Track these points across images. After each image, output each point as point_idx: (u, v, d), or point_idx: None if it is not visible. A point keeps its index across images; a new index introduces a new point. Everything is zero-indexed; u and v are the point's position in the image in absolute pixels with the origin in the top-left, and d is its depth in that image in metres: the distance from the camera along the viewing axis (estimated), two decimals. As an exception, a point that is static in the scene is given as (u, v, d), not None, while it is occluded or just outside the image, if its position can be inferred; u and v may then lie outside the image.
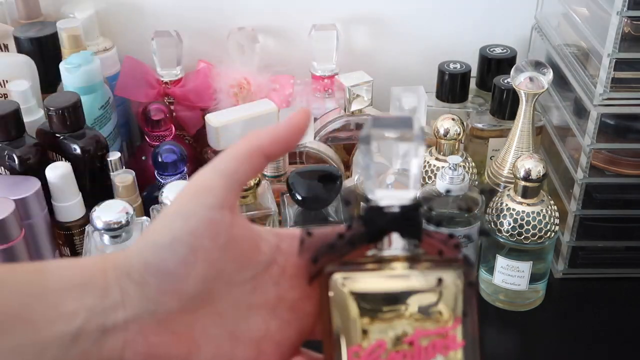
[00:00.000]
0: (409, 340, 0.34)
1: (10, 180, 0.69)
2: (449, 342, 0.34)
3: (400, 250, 0.36)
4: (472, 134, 0.87)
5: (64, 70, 0.81)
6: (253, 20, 0.93)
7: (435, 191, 0.72)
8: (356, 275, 0.35)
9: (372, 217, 0.36)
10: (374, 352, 0.34)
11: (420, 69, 0.95)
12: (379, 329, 0.34)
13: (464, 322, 0.35)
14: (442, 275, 0.35)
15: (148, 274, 0.34)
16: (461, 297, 0.35)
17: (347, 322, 0.35)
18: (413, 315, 0.34)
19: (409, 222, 0.36)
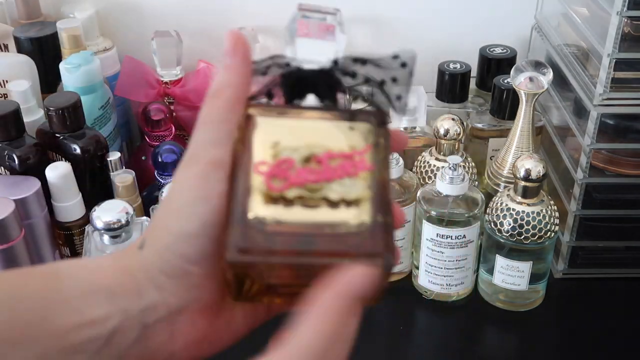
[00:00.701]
0: (318, 159, 0.34)
1: (10, 180, 0.69)
2: (358, 163, 0.34)
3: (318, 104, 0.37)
4: (472, 134, 0.87)
5: (64, 70, 0.81)
6: (253, 20, 0.93)
7: (435, 191, 0.72)
8: (275, 111, 0.36)
9: (292, 74, 0.37)
10: (282, 165, 0.33)
11: (420, 69, 0.95)
12: (290, 148, 0.34)
13: (375, 151, 0.35)
14: (355, 118, 0.36)
15: (188, 264, 0.34)
16: (374, 131, 0.36)
17: (259, 144, 0.34)
18: (325, 143, 0.35)
19: (324, 80, 0.37)
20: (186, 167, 0.35)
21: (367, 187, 0.34)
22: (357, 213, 0.33)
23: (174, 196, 0.35)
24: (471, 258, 0.72)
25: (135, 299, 0.34)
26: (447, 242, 0.71)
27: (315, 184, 0.33)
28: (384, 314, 0.77)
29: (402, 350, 0.72)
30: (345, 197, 0.33)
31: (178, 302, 0.34)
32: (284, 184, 0.33)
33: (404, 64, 0.38)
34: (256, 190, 0.33)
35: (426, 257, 0.73)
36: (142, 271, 0.34)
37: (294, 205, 0.33)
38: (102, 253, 0.66)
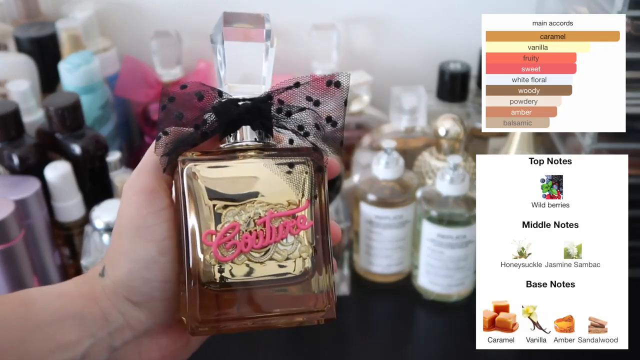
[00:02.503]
0: (262, 222, 0.36)
1: (10, 180, 0.69)
2: (299, 222, 0.36)
3: (252, 141, 0.38)
4: (472, 134, 0.87)
5: (64, 70, 0.81)
6: (253, 20, 0.93)
7: (436, 191, 0.72)
8: (208, 163, 0.36)
9: (225, 109, 0.37)
10: (228, 234, 0.36)
11: (420, 69, 0.95)
12: (233, 212, 0.36)
13: (312, 204, 0.37)
14: (292, 162, 0.37)
15: (149, 289, 0.36)
16: (310, 182, 0.37)
17: (200, 208, 0.36)
18: (265, 200, 0.36)
19: (260, 114, 0.37)
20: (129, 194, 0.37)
21: (308, 244, 0.37)
22: (300, 268, 0.37)
23: (126, 223, 0.37)
24: (471, 258, 0.72)
25: (102, 323, 0.36)
26: (447, 242, 0.71)
27: (261, 248, 0.36)
28: (384, 314, 0.77)
29: (402, 350, 0.72)
30: (290, 256, 0.36)
31: (143, 325, 0.37)
32: (232, 253, 0.36)
33: (337, 83, 0.38)
34: (206, 260, 0.35)
35: (426, 257, 0.73)
36: (106, 297, 0.37)
37: (242, 269, 0.36)
38: (102, 253, 0.66)
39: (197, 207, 0.36)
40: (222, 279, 0.35)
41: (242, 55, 0.38)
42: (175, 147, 0.36)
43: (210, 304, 0.36)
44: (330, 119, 0.38)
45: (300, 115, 0.38)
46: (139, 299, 0.37)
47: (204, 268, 0.35)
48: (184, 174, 0.36)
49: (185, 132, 0.37)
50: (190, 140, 0.37)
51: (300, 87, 0.38)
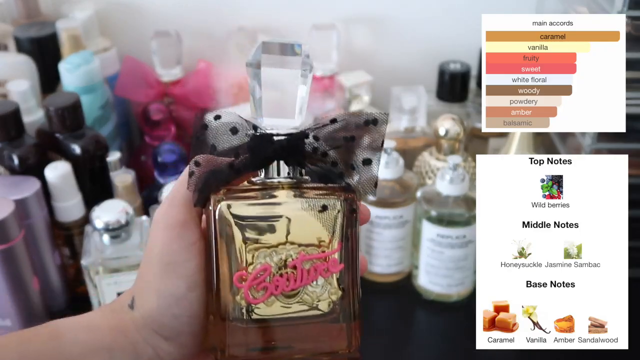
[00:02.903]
0: (293, 265, 0.36)
1: (10, 180, 0.69)
2: (329, 265, 0.37)
3: (285, 178, 0.37)
4: (472, 134, 0.87)
5: (64, 70, 0.81)
6: (253, 20, 0.93)
7: (436, 191, 0.72)
8: (241, 202, 0.36)
9: (259, 145, 0.37)
10: (259, 276, 0.36)
11: (420, 69, 0.95)
12: (264, 254, 0.36)
13: (344, 246, 0.37)
14: (325, 203, 0.37)
15: (178, 324, 0.37)
16: (342, 223, 0.37)
17: (232, 248, 0.36)
18: (297, 241, 0.36)
19: (293, 151, 0.37)
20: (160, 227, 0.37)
21: (338, 286, 0.37)
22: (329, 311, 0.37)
23: (156, 256, 0.37)
24: (471, 258, 0.72)
25: (132, 356, 0.37)
26: (447, 242, 0.71)
27: (292, 291, 0.37)
28: (384, 314, 0.77)
29: (402, 350, 0.72)
30: (319, 298, 0.37)
31: (172, 356, 0.38)
32: (262, 295, 0.36)
33: (375, 121, 0.38)
34: (237, 300, 0.36)
35: (426, 257, 0.73)
36: (136, 331, 0.37)
37: (272, 311, 0.36)
38: (101, 253, 0.66)
39: (228, 247, 0.36)
40: (251, 315, 0.36)
41: (278, 86, 0.37)
42: (208, 183, 0.36)
43: (239, 341, 0.36)
44: (369, 162, 0.38)
45: (335, 153, 0.38)
46: (169, 334, 0.37)
47: (234, 306, 0.36)
48: (217, 214, 0.36)
49: (218, 165, 0.36)
50: (223, 176, 0.36)
51: (336, 123, 0.37)
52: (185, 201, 0.37)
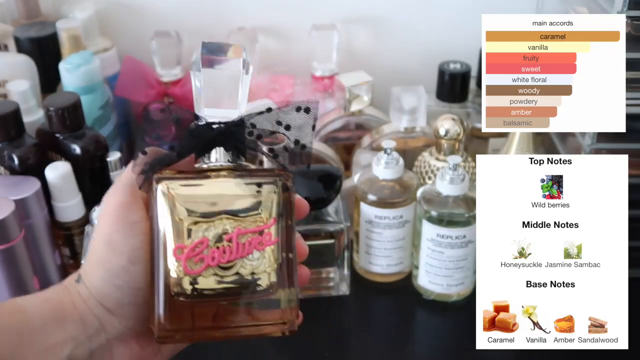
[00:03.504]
0: (229, 238, 0.38)
1: (10, 180, 0.69)
2: (264, 239, 0.39)
3: (225, 162, 0.40)
4: (472, 134, 0.87)
5: (64, 70, 0.81)
6: (253, 20, 0.93)
7: (435, 191, 0.72)
8: (181, 181, 0.39)
9: (200, 132, 0.40)
10: (197, 248, 0.38)
11: (420, 69, 0.95)
12: (202, 228, 0.38)
13: (278, 222, 0.39)
14: (261, 182, 0.40)
15: (121, 295, 0.39)
16: (278, 201, 0.40)
17: (172, 224, 0.38)
18: (233, 217, 0.39)
19: (233, 136, 0.40)
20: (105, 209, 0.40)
21: (274, 259, 0.39)
22: (266, 282, 0.39)
23: (101, 235, 0.39)
24: (471, 258, 0.72)
25: (82, 327, 0.39)
26: (447, 242, 0.71)
27: (228, 263, 0.38)
28: (384, 314, 0.77)
29: (402, 350, 0.72)
30: (255, 271, 0.39)
31: (116, 329, 0.40)
32: (199, 267, 0.38)
33: (307, 109, 0.41)
34: (175, 272, 0.38)
35: (426, 257, 0.73)
36: (83, 302, 0.39)
37: (211, 282, 0.38)
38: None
39: (168, 223, 0.38)
40: (192, 290, 0.38)
41: (218, 82, 0.40)
42: (152, 166, 0.39)
43: (179, 314, 0.38)
44: (298, 142, 0.41)
45: (271, 138, 0.41)
46: (112, 305, 0.39)
47: (174, 280, 0.38)
48: (158, 191, 0.39)
49: (163, 152, 0.40)
50: (166, 160, 0.40)
51: (272, 112, 0.41)
52: (130, 185, 0.40)
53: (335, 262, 0.74)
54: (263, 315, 0.39)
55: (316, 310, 0.74)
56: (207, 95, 0.40)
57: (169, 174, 0.39)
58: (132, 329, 0.40)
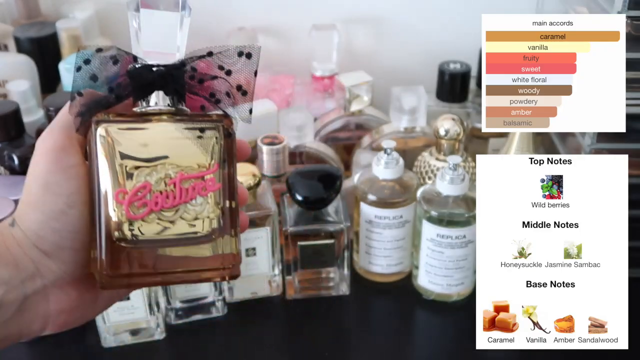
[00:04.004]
0: (172, 183, 0.38)
1: (10, 180, 0.69)
2: (207, 184, 0.38)
3: (165, 106, 0.39)
4: (472, 134, 0.87)
5: (64, 70, 0.81)
6: (253, 20, 0.93)
7: (435, 191, 0.72)
8: (121, 124, 0.38)
9: (139, 73, 0.39)
10: (139, 193, 0.37)
11: (420, 69, 0.95)
12: (144, 173, 0.37)
13: (221, 167, 0.39)
14: (203, 127, 0.39)
15: (58, 238, 0.37)
16: (220, 147, 0.39)
17: (113, 168, 0.37)
18: (176, 162, 0.38)
19: (172, 79, 0.39)
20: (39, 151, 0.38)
21: (216, 205, 0.39)
22: (208, 228, 0.38)
23: (35, 178, 0.38)
24: (471, 258, 0.72)
25: (15, 271, 0.37)
26: (447, 242, 0.71)
27: (171, 208, 0.38)
28: (384, 314, 0.77)
29: (402, 350, 0.72)
30: (198, 216, 0.38)
31: (53, 273, 0.38)
32: (143, 212, 0.37)
33: (249, 54, 0.40)
34: (117, 217, 0.37)
35: (426, 257, 0.73)
36: (17, 245, 0.38)
37: (152, 228, 0.37)
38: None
39: (109, 167, 0.37)
40: (133, 236, 0.37)
41: (157, 24, 0.39)
42: (89, 109, 0.38)
43: (121, 260, 0.37)
44: (240, 88, 0.40)
45: (212, 83, 0.40)
46: (49, 248, 0.38)
47: (115, 225, 0.37)
48: (97, 134, 0.37)
49: (100, 95, 0.38)
50: (104, 102, 0.38)
51: (213, 56, 0.40)
52: (65, 127, 0.38)
53: (335, 262, 0.74)
54: (204, 262, 0.39)
55: (316, 310, 0.74)
56: (145, 37, 0.39)
57: (108, 117, 0.38)
58: (71, 274, 0.39)
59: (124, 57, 0.39)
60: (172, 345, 0.70)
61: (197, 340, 0.70)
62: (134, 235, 0.37)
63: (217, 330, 0.72)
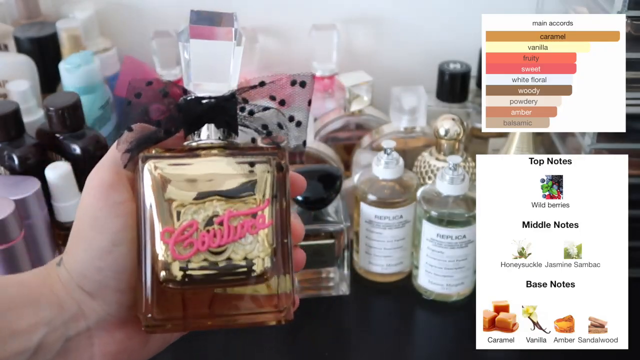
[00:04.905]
0: (220, 221, 0.36)
1: (10, 180, 0.69)
2: (257, 222, 0.36)
3: (215, 139, 0.38)
4: (472, 134, 0.87)
5: (64, 70, 0.81)
6: (253, 20, 0.93)
7: (435, 191, 0.72)
8: (169, 160, 0.36)
9: (189, 106, 0.37)
10: (186, 232, 0.35)
11: (420, 69, 0.95)
12: (191, 210, 0.36)
13: (272, 204, 0.37)
14: (254, 161, 0.37)
15: (102, 278, 0.36)
16: (272, 181, 0.37)
17: (159, 206, 0.36)
18: (224, 199, 0.36)
19: (223, 112, 0.37)
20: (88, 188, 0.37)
21: (267, 244, 0.36)
22: (260, 268, 0.36)
23: (82, 216, 0.37)
24: (471, 258, 0.72)
25: (57, 311, 0.36)
26: (447, 242, 0.71)
27: (219, 247, 0.36)
28: (384, 314, 0.77)
29: (402, 350, 0.72)
30: (248, 256, 0.36)
31: (96, 315, 0.37)
32: (189, 252, 0.35)
33: (302, 83, 0.38)
34: (163, 257, 0.35)
35: (426, 257, 0.73)
36: (62, 286, 0.37)
37: (200, 270, 0.36)
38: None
39: (155, 204, 0.36)
40: (182, 277, 0.35)
41: (208, 54, 0.37)
42: (138, 144, 0.37)
43: (168, 303, 0.36)
44: (293, 119, 0.38)
45: (264, 114, 0.38)
46: (93, 288, 0.37)
47: (162, 265, 0.35)
48: (145, 170, 0.36)
49: (149, 129, 0.37)
50: (153, 137, 0.37)
51: (265, 86, 0.38)
52: (114, 164, 0.37)
53: (335, 262, 0.74)
54: (258, 304, 0.37)
55: (316, 310, 0.74)
56: (196, 68, 0.37)
57: (156, 153, 0.37)
58: (116, 316, 0.37)
59: (173, 89, 0.37)
60: (172, 346, 0.70)
61: (197, 341, 0.70)
62: (184, 276, 0.35)
63: (217, 331, 0.72)
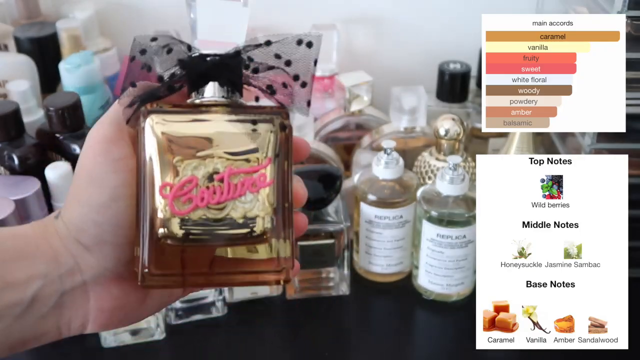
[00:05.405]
0: (220, 178, 0.35)
1: (10, 180, 0.69)
2: (258, 180, 0.36)
3: (219, 97, 0.37)
4: (472, 134, 0.87)
5: (64, 70, 0.81)
6: (253, 21, 0.93)
7: (435, 191, 0.72)
8: (172, 117, 0.36)
9: (193, 63, 0.37)
10: (185, 186, 0.35)
11: (420, 69, 0.95)
12: (191, 167, 0.35)
13: (274, 163, 0.36)
14: (257, 119, 0.36)
15: (100, 232, 0.36)
16: (274, 140, 0.36)
17: (160, 161, 0.35)
18: (225, 156, 0.36)
19: (227, 69, 0.37)
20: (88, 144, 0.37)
21: (268, 203, 0.36)
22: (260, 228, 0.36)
23: (81, 171, 0.37)
24: (471, 258, 0.72)
25: (53, 265, 0.36)
26: (447, 242, 0.71)
27: (218, 204, 0.35)
28: (384, 314, 0.77)
29: (402, 350, 0.72)
30: (247, 215, 0.35)
31: (93, 269, 0.36)
32: (188, 207, 0.35)
33: (309, 43, 0.37)
34: (161, 213, 0.35)
35: (426, 257, 0.73)
36: (58, 239, 0.36)
37: (198, 226, 0.35)
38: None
39: (155, 159, 0.35)
40: (181, 233, 0.35)
41: (214, 13, 0.37)
42: (141, 100, 0.36)
43: (167, 259, 0.35)
44: (298, 78, 0.37)
45: (269, 73, 0.38)
46: (90, 242, 0.36)
47: (160, 222, 0.35)
48: (146, 125, 0.36)
49: (153, 86, 0.37)
50: (155, 93, 0.37)
51: (271, 45, 0.37)
52: (115, 119, 0.37)
53: (335, 262, 0.74)
54: (257, 264, 0.36)
55: (316, 310, 0.74)
56: (201, 26, 0.37)
57: (158, 108, 0.36)
58: (113, 271, 0.37)
59: (177, 45, 0.37)
60: (172, 345, 0.70)
61: (197, 341, 0.70)
62: (182, 233, 0.35)
63: (217, 330, 0.72)
